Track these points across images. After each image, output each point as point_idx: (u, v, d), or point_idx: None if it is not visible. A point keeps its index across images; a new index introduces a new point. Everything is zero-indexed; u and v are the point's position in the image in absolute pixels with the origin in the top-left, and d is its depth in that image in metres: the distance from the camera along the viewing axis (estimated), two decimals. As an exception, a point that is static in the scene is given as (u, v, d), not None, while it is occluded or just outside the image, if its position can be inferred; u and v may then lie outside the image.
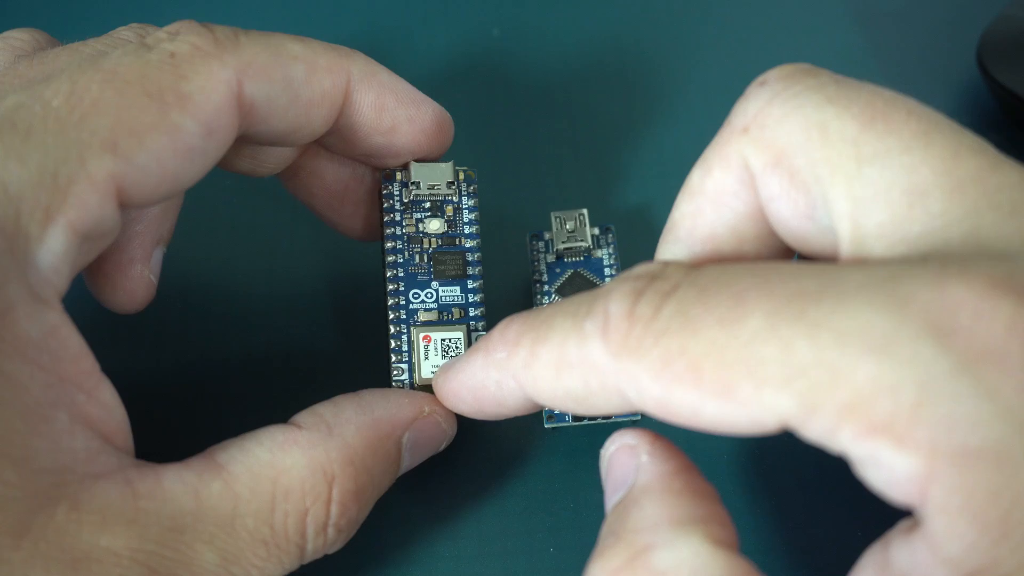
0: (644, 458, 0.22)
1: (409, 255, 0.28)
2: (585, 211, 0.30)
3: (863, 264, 0.20)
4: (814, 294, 0.19)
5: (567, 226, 0.30)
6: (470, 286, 0.28)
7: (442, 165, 0.28)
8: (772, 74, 0.22)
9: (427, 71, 0.34)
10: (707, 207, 0.23)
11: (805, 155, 0.21)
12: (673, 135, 0.34)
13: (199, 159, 0.24)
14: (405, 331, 0.27)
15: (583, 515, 0.28)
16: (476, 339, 0.28)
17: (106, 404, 0.23)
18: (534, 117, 0.34)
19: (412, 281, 0.28)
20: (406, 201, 0.28)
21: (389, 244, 0.28)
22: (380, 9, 0.37)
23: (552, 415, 0.28)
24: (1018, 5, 0.34)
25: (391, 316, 0.28)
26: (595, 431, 0.28)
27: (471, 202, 0.29)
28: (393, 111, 0.27)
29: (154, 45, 0.24)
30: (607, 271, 0.30)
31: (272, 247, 0.32)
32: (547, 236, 0.31)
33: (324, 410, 0.25)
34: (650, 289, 0.20)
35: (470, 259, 0.28)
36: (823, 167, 0.21)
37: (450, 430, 0.27)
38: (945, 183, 0.20)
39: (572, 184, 0.33)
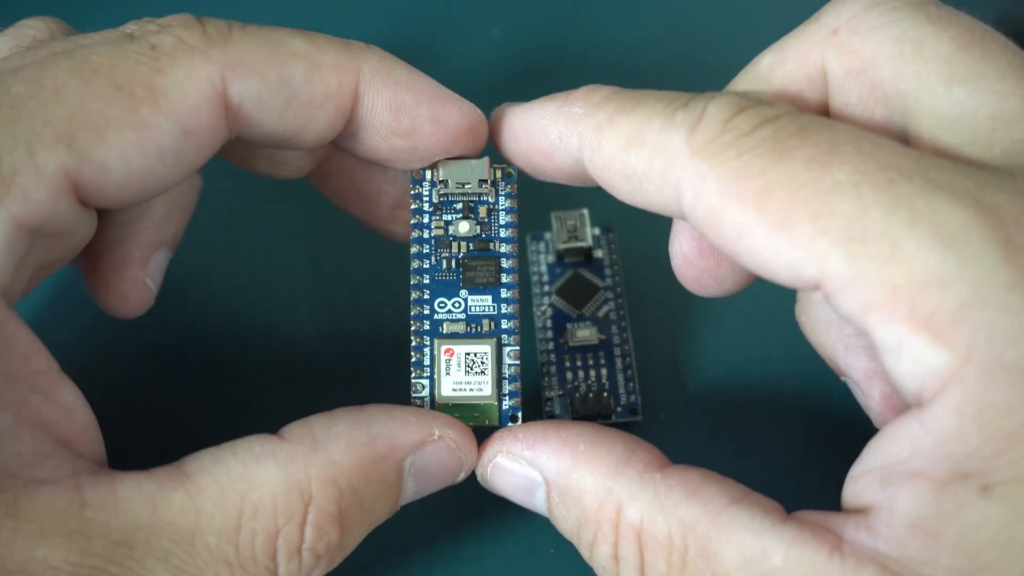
0: (527, 455, 0.23)
1: (436, 260, 0.25)
2: (585, 211, 0.30)
3: (953, 161, 0.19)
4: (906, 171, 0.19)
5: (567, 226, 0.30)
6: (503, 295, 0.25)
7: (474, 161, 0.26)
8: None
9: (427, 71, 0.33)
10: (772, 94, 0.23)
11: (893, 68, 0.21)
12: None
13: (174, 160, 0.22)
14: (428, 343, 0.25)
15: None
16: (508, 352, 0.25)
17: (65, 406, 0.22)
18: None
19: (438, 289, 0.25)
20: (435, 201, 0.26)
21: (415, 248, 0.25)
22: (380, 10, 0.36)
23: (553, 415, 0.28)
24: (1018, 5, 0.33)
25: (413, 327, 0.25)
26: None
27: (508, 203, 0.26)
28: (413, 111, 0.24)
29: (139, 37, 0.22)
30: (607, 271, 0.30)
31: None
32: (547, 236, 0.30)
33: (315, 422, 0.23)
34: (753, 108, 0.20)
35: (505, 266, 0.25)
36: (911, 82, 0.21)
37: (467, 458, 0.24)
38: None
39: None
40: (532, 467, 0.23)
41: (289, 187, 0.29)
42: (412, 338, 0.25)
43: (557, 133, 0.23)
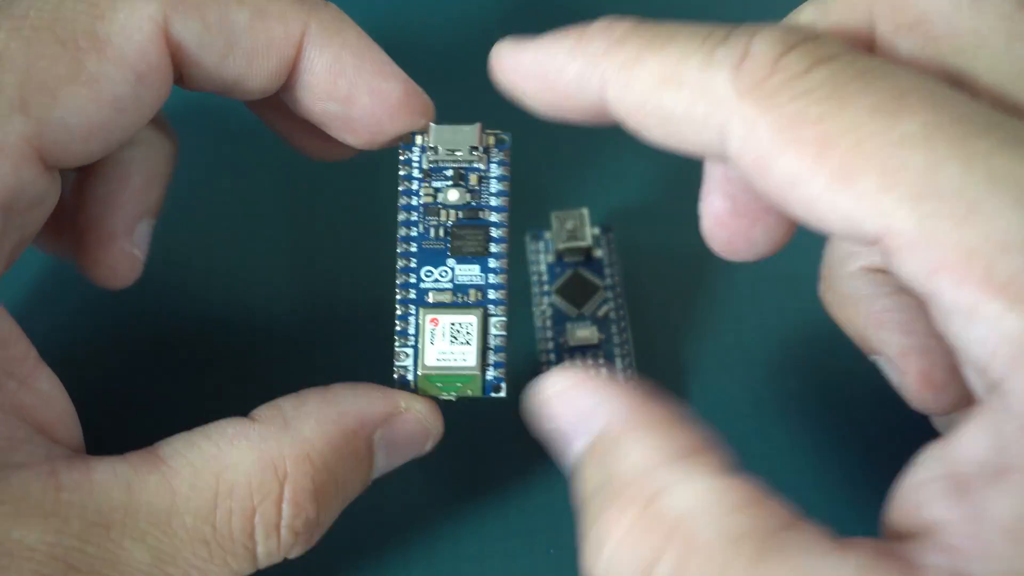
0: (602, 396, 0.20)
1: (424, 229, 0.25)
2: (585, 211, 0.30)
3: None
4: (982, 125, 0.17)
5: (567, 226, 0.29)
6: (491, 265, 0.25)
7: (466, 128, 0.25)
8: None
9: (427, 71, 0.32)
10: None
11: (949, 24, 0.20)
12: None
13: (132, 107, 0.22)
14: (413, 312, 0.24)
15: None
16: (494, 323, 0.24)
17: (42, 393, 0.22)
18: (534, 117, 0.32)
19: (425, 257, 0.25)
20: (425, 168, 0.25)
21: (402, 216, 0.25)
22: (380, 8, 0.36)
23: None
24: None
25: (398, 295, 0.24)
26: None
27: (500, 170, 0.25)
28: (352, 77, 0.24)
29: None
30: (607, 271, 0.30)
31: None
32: (547, 236, 0.30)
33: (285, 403, 0.23)
34: (804, 46, 0.19)
35: (494, 235, 0.25)
36: (968, 39, 0.20)
37: (434, 428, 0.24)
38: None
39: (572, 184, 0.33)
40: (601, 405, 0.20)
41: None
42: (397, 307, 0.24)
43: (575, 73, 0.21)
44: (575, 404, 0.20)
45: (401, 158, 0.25)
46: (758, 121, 0.18)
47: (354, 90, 0.24)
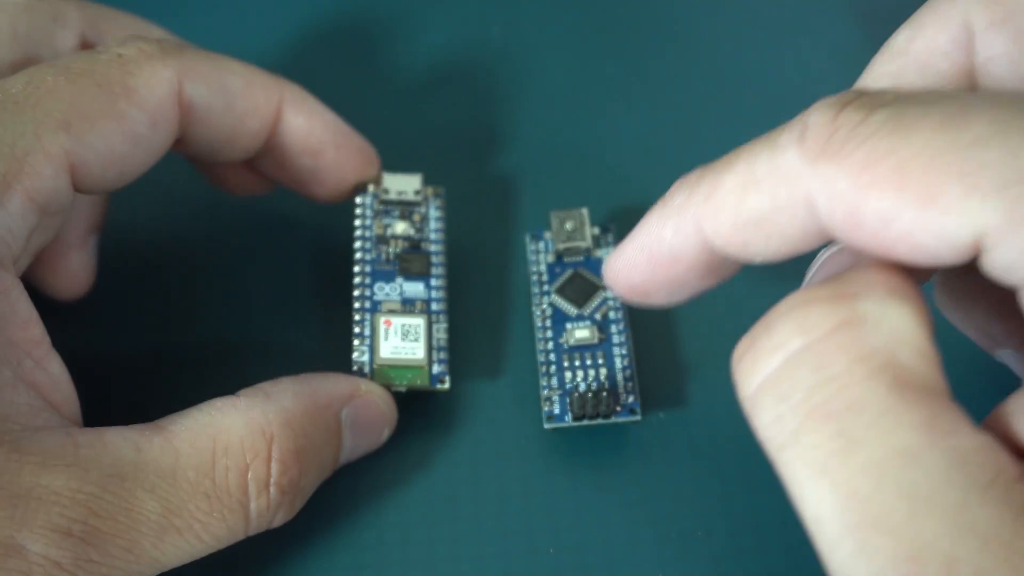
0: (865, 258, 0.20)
1: (376, 254, 0.30)
2: (585, 210, 0.30)
3: None
4: None
5: (567, 226, 0.30)
6: (433, 283, 0.29)
7: (411, 176, 0.31)
8: None
9: (427, 71, 0.35)
10: (911, 69, 0.22)
11: None
12: (674, 134, 0.35)
13: (145, 146, 0.26)
14: (368, 318, 0.29)
15: (583, 515, 0.27)
16: (437, 328, 0.29)
17: (54, 376, 0.24)
18: (534, 117, 0.35)
19: (378, 275, 0.29)
20: (377, 208, 0.30)
21: (358, 244, 0.30)
22: (380, 8, 0.37)
23: (552, 415, 0.28)
24: None
25: (356, 305, 0.29)
26: (594, 432, 0.29)
27: (438, 213, 0.31)
28: (320, 135, 0.29)
29: (105, 50, 0.26)
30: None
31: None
32: (547, 236, 0.31)
33: (263, 384, 0.26)
34: (859, 100, 0.18)
35: (434, 260, 0.30)
36: None
37: (389, 413, 0.28)
38: None
39: (572, 184, 0.33)
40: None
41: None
42: (355, 314, 0.29)
43: (672, 230, 0.21)
44: (834, 262, 0.21)
45: (357, 201, 0.30)
46: (836, 178, 0.18)
47: (323, 145, 0.29)
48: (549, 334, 0.29)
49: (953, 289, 0.24)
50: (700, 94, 0.36)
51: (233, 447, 0.24)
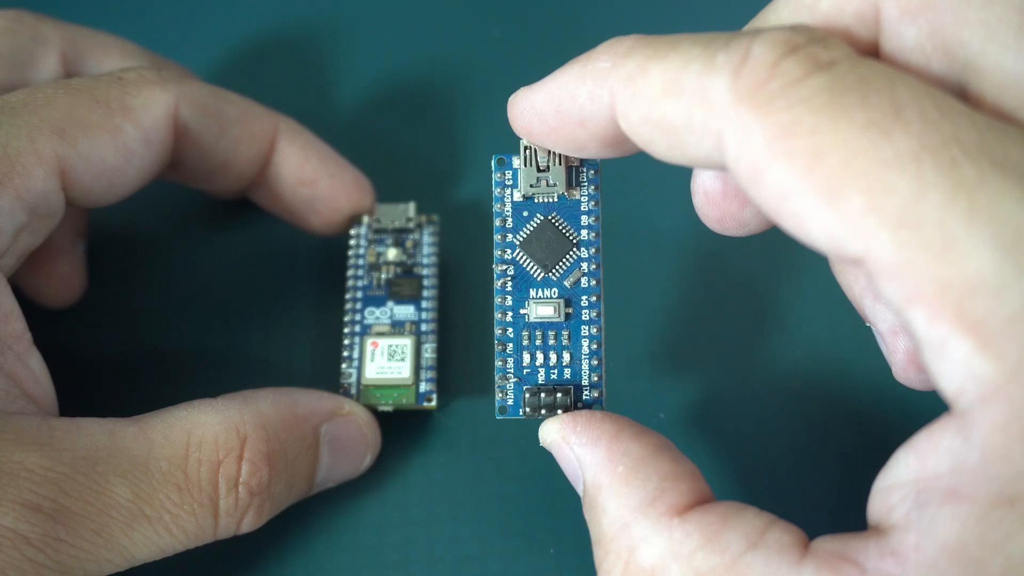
0: (577, 451, 0.22)
1: (368, 280, 0.30)
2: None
3: (1006, 118, 0.18)
4: (971, 148, 0.17)
5: (539, 160, 0.24)
6: (424, 306, 0.30)
7: (403, 205, 0.31)
8: None
9: (427, 71, 0.36)
10: (817, 23, 0.21)
11: (958, 13, 0.19)
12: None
13: (136, 163, 0.27)
14: (357, 342, 0.29)
15: (583, 515, 0.27)
16: (426, 348, 0.29)
17: (33, 371, 0.25)
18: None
19: (369, 300, 0.30)
20: (370, 238, 0.31)
21: (350, 272, 0.30)
22: (380, 8, 0.38)
23: (504, 407, 0.24)
24: None
25: (345, 330, 0.29)
26: None
27: (432, 239, 0.31)
28: (315, 165, 0.30)
29: (107, 74, 0.27)
30: (585, 220, 0.24)
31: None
32: (515, 163, 0.24)
33: (244, 391, 0.26)
34: (806, 49, 0.18)
35: (425, 284, 0.30)
36: (976, 30, 0.19)
37: (372, 437, 0.27)
38: None
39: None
40: (581, 459, 0.22)
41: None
42: (344, 337, 0.29)
43: (586, 93, 0.21)
44: (563, 458, 0.23)
45: (351, 232, 0.31)
46: (752, 128, 0.18)
47: (317, 175, 0.30)
48: (509, 302, 0.24)
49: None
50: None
51: (207, 442, 0.24)
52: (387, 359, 0.28)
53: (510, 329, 0.24)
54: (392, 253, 0.31)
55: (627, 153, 0.22)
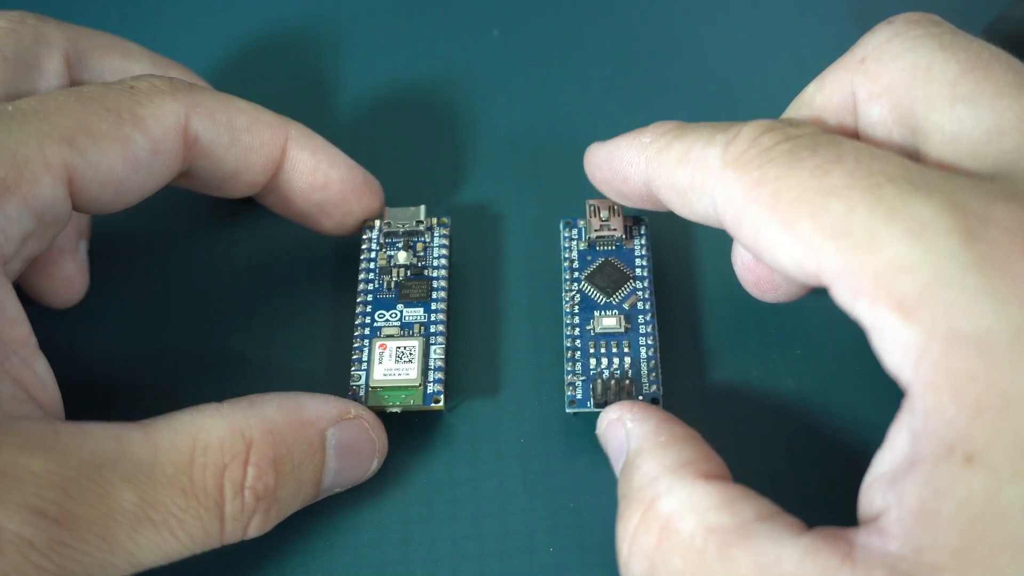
0: (628, 425, 0.25)
1: (379, 284, 0.30)
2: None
3: (945, 168, 0.22)
4: (893, 176, 0.21)
5: (601, 215, 0.31)
6: (433, 307, 0.30)
7: (413, 208, 0.32)
8: (901, 17, 0.25)
9: (427, 72, 0.36)
10: (809, 118, 0.26)
11: (908, 91, 0.24)
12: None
13: (144, 173, 0.27)
14: (367, 344, 0.29)
15: (583, 515, 0.28)
16: (434, 349, 0.29)
17: (39, 375, 0.25)
18: (535, 117, 0.35)
19: (378, 303, 0.30)
20: (381, 241, 0.31)
21: (362, 275, 0.31)
22: (380, 9, 0.38)
23: (574, 400, 0.28)
24: (1017, 5, 0.34)
25: (356, 332, 0.30)
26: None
27: (442, 241, 0.31)
28: (326, 170, 0.30)
29: (119, 83, 0.28)
30: (638, 261, 0.31)
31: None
32: (580, 224, 0.32)
33: (249, 396, 0.26)
34: (780, 129, 0.23)
35: (435, 286, 0.30)
36: (921, 103, 0.23)
37: (379, 441, 0.27)
38: (1020, 129, 0.22)
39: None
40: (629, 434, 0.25)
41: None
42: (355, 340, 0.29)
43: (630, 159, 0.27)
44: (613, 437, 0.26)
45: (363, 236, 0.31)
46: (734, 184, 0.23)
47: (328, 179, 0.30)
48: (576, 320, 0.30)
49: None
50: (701, 94, 0.36)
51: (212, 447, 0.24)
52: (395, 361, 0.29)
53: (578, 340, 0.29)
54: (403, 256, 0.31)
55: (660, 208, 0.27)
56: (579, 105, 0.36)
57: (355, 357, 0.29)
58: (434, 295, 0.30)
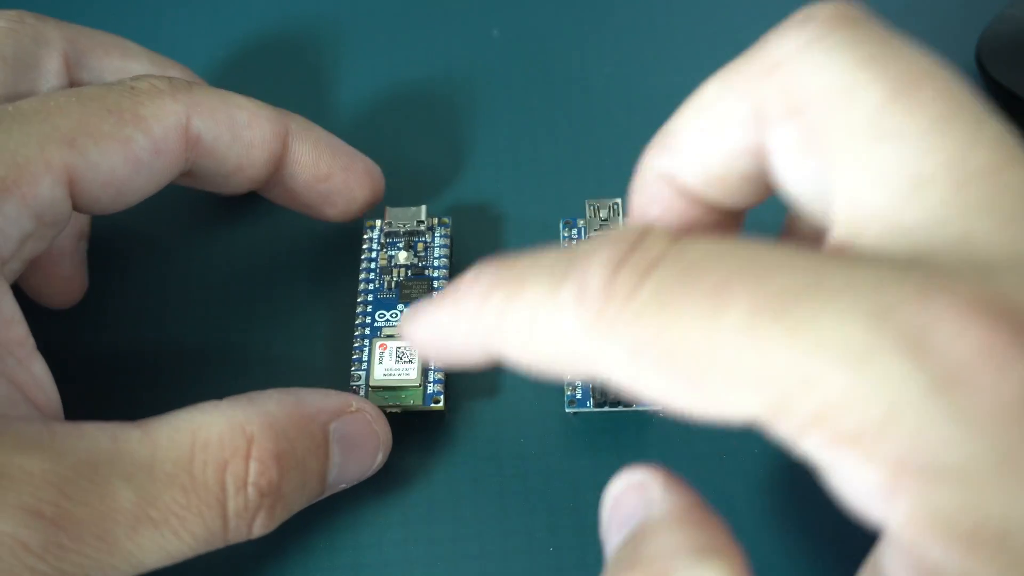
0: (657, 492, 0.21)
1: (379, 284, 0.30)
2: (619, 200, 0.31)
3: (852, 261, 0.19)
4: (799, 293, 0.18)
5: (600, 214, 0.31)
6: (434, 308, 0.30)
7: (414, 208, 0.32)
8: (819, 13, 0.21)
9: (427, 72, 0.36)
10: (713, 126, 0.22)
11: (825, 117, 0.20)
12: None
13: (146, 173, 0.27)
14: (367, 344, 0.29)
15: (583, 515, 0.27)
16: (435, 351, 0.29)
17: (36, 377, 0.25)
18: (534, 117, 0.36)
19: (379, 303, 0.30)
20: (382, 241, 0.31)
21: (362, 275, 0.31)
22: (380, 9, 0.38)
23: (573, 400, 0.28)
24: (1017, 5, 0.34)
25: (356, 332, 0.30)
26: (596, 429, 0.29)
27: (443, 241, 0.31)
28: (329, 161, 0.30)
29: (119, 83, 0.28)
30: None
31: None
32: (580, 223, 0.31)
33: (249, 392, 0.26)
34: (631, 260, 0.19)
35: (436, 286, 0.30)
36: (839, 134, 0.20)
37: (382, 433, 0.27)
38: (950, 176, 0.19)
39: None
40: (651, 503, 0.21)
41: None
42: (355, 340, 0.29)
43: (463, 338, 0.22)
44: (628, 502, 0.21)
45: (364, 236, 0.31)
46: (609, 354, 0.19)
47: (331, 169, 0.30)
48: None
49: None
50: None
51: (212, 443, 0.24)
52: (395, 361, 0.29)
53: None
54: (403, 256, 0.31)
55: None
56: (579, 105, 0.36)
57: (355, 357, 0.29)
58: (435, 295, 0.30)
